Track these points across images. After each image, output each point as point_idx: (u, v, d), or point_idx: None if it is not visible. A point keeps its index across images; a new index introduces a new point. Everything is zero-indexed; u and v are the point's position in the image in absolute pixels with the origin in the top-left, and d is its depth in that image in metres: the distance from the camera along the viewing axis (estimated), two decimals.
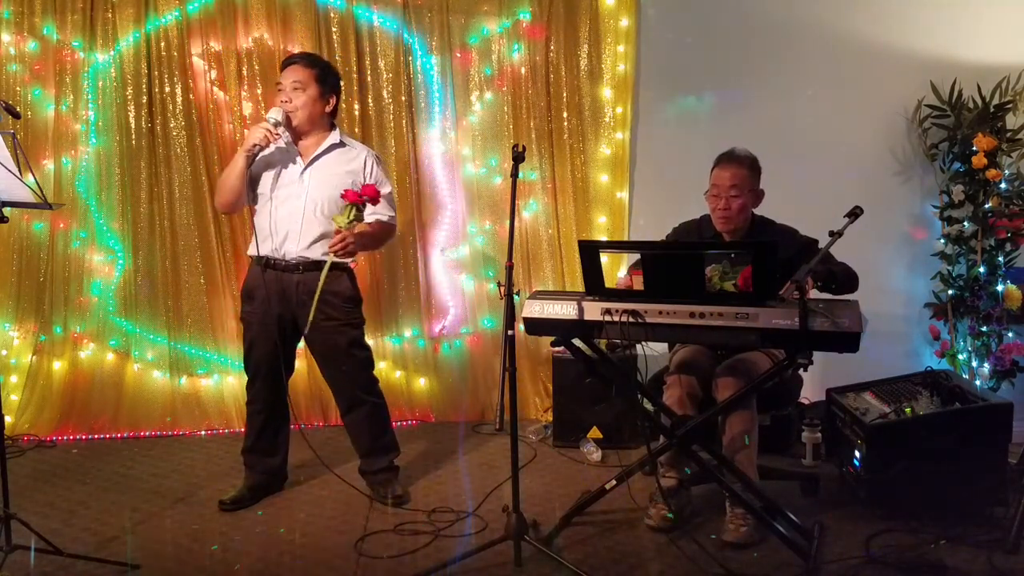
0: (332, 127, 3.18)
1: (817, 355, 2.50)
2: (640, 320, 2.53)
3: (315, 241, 3.07)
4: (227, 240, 4.12)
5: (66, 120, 4.05)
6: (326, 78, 3.12)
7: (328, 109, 3.14)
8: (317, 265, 3.05)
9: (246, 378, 3.24)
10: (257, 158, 3.03)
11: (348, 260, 3.12)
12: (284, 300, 3.09)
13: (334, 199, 3.04)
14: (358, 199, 2.93)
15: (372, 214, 3.10)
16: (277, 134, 2.99)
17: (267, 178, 3.10)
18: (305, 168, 3.09)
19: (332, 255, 2.97)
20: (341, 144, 3.15)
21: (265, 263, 3.08)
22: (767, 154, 3.12)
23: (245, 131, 3.73)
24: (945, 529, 2.78)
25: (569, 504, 2.98)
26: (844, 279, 2.85)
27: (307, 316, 3.02)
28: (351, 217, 2.92)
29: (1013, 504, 2.76)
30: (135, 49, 4.03)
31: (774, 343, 2.57)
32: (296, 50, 4.07)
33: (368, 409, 3.24)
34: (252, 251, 3.14)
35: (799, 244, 2.99)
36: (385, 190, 3.14)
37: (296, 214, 3.06)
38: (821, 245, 2.77)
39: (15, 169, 2.49)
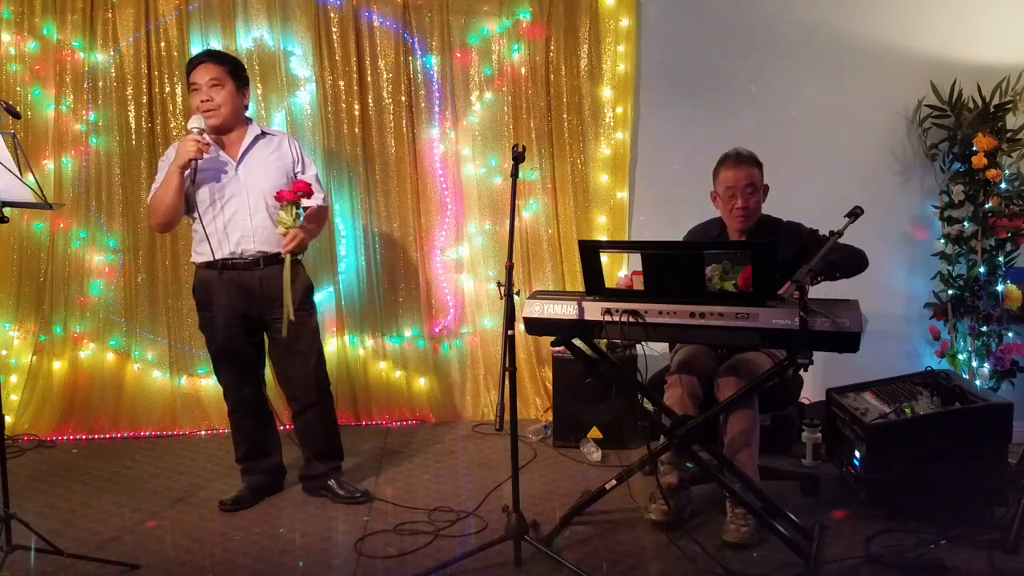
0: (248, 120, 3.18)
1: (817, 355, 2.50)
2: (640, 320, 2.53)
3: (269, 234, 3.07)
4: None
5: (66, 120, 4.06)
6: (238, 72, 3.11)
7: (245, 102, 3.15)
8: (276, 258, 3.07)
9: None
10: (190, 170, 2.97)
11: (300, 254, 3.17)
12: (248, 298, 3.08)
13: (275, 188, 3.05)
14: (295, 196, 2.98)
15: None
16: (207, 142, 2.95)
17: (201, 186, 3.05)
18: (237, 165, 3.08)
19: (289, 255, 3.00)
20: (263, 134, 3.16)
21: (222, 265, 3.05)
22: (767, 154, 3.12)
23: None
24: (945, 529, 2.77)
25: (569, 504, 2.98)
26: (848, 264, 2.85)
27: (277, 311, 3.04)
28: (295, 216, 2.99)
29: (1013, 504, 2.76)
30: (135, 49, 4.03)
31: (774, 343, 2.56)
32: (296, 50, 4.08)
33: (325, 408, 3.25)
34: (199, 258, 3.11)
35: (805, 237, 3.01)
36: (311, 172, 3.21)
37: (243, 212, 3.06)
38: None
39: (15, 169, 2.49)
